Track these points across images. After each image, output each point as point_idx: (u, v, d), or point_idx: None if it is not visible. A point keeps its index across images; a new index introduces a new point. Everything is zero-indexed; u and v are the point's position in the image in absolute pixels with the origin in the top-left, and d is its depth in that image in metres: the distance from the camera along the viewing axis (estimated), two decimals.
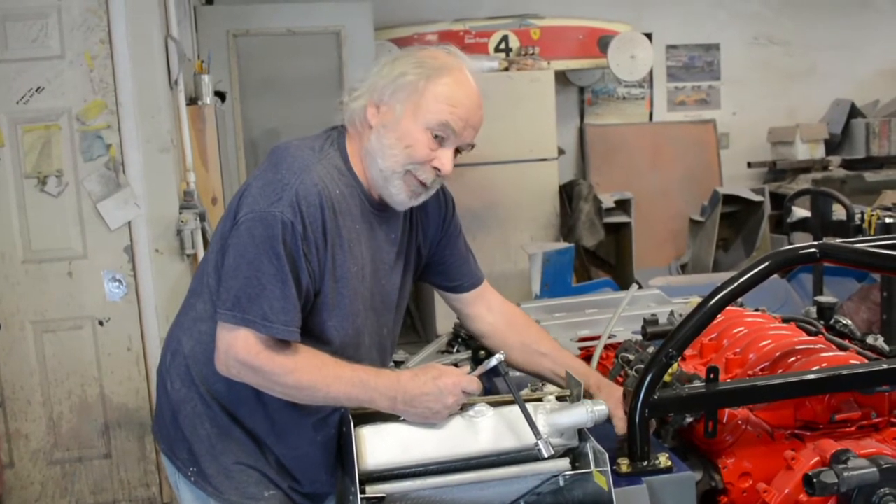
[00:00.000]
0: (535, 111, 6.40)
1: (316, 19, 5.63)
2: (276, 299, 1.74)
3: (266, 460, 1.94)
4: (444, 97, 1.82)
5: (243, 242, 1.77)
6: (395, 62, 1.88)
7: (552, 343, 2.16)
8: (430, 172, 1.86)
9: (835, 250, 1.95)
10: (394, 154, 1.84)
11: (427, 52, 1.90)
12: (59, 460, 3.80)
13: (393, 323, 2.08)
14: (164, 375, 2.01)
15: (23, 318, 3.71)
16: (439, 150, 1.85)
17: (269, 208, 1.75)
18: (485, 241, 6.09)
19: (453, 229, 2.13)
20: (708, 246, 6.83)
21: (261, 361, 1.75)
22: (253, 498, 1.93)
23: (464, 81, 1.85)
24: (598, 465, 1.72)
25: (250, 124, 5.67)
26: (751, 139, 7.79)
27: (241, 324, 1.74)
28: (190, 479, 1.96)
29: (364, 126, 1.89)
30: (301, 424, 1.91)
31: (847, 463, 1.70)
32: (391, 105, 1.84)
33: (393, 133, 1.83)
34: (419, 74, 1.82)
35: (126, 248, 3.72)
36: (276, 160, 1.85)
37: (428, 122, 1.82)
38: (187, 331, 1.97)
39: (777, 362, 2.04)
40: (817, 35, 7.87)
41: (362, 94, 1.88)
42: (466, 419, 1.76)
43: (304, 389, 1.77)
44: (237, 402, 1.91)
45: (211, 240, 2.00)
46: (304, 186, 1.77)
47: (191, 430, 1.94)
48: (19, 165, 3.65)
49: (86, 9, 3.61)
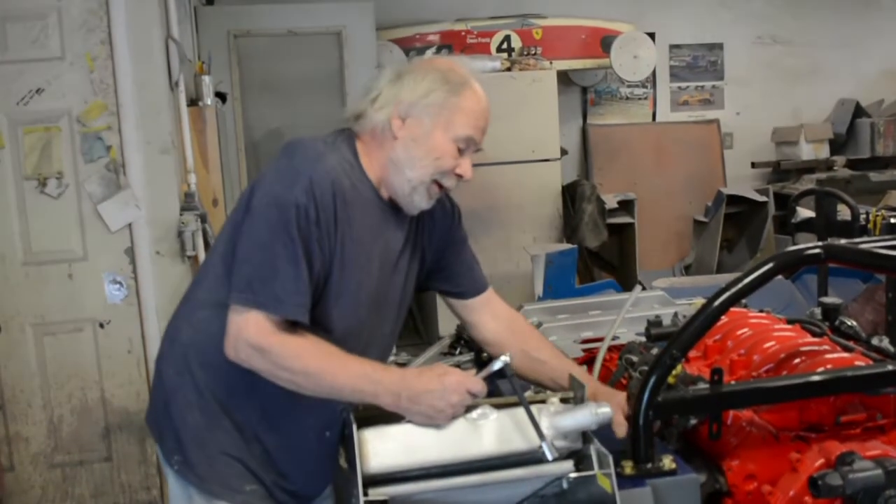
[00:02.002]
0: (538, 111, 6.39)
1: (317, 20, 5.63)
2: (288, 281, 1.78)
3: (251, 453, 1.97)
4: (470, 111, 1.94)
5: (257, 227, 1.83)
6: (417, 77, 1.96)
7: (553, 351, 2.20)
8: (453, 179, 1.98)
9: (840, 251, 1.95)
10: (424, 165, 1.94)
11: (444, 64, 2.00)
12: (60, 464, 3.79)
13: (393, 323, 2.12)
14: (160, 364, 2.07)
15: (23, 320, 3.70)
16: (461, 159, 1.96)
17: (283, 193, 1.81)
18: (487, 243, 6.08)
19: (459, 237, 2.21)
20: (712, 247, 6.81)
21: (270, 343, 1.78)
22: (234, 490, 1.96)
23: (480, 93, 1.98)
24: (602, 467, 1.71)
25: (251, 125, 5.67)
26: (755, 139, 7.78)
27: (253, 305, 1.78)
28: (174, 468, 2.00)
29: (386, 137, 1.96)
30: (293, 414, 1.94)
31: (852, 465, 1.69)
32: (419, 119, 1.93)
33: (423, 146, 1.93)
34: (448, 92, 1.93)
35: (127, 249, 3.72)
36: (290, 151, 1.91)
37: (456, 135, 1.93)
38: (186, 319, 2.02)
39: (782, 364, 2.03)
40: (821, 34, 7.85)
41: (385, 106, 1.95)
42: (470, 421, 1.76)
43: (310, 376, 1.79)
44: (230, 391, 1.94)
45: (220, 230, 2.03)
46: (317, 174, 1.83)
47: (180, 418, 1.98)
48: (19, 167, 3.64)
49: (86, 10, 3.60)
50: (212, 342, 1.91)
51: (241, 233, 1.85)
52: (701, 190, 7.43)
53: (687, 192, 7.51)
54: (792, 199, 5.18)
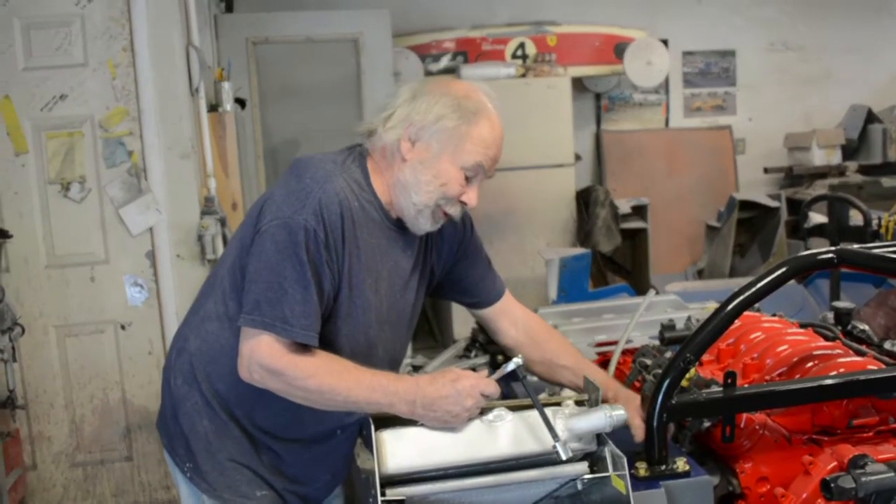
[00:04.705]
0: (552, 117, 6.40)
1: (334, 27, 5.65)
2: (297, 303, 1.78)
3: (260, 460, 1.99)
4: (481, 141, 1.91)
5: (267, 249, 1.81)
6: (431, 100, 1.92)
7: (574, 356, 2.19)
8: (457, 207, 1.96)
9: (853, 255, 1.96)
10: (429, 190, 1.91)
11: (459, 90, 1.95)
12: (81, 463, 3.84)
13: (402, 341, 2.12)
14: (168, 373, 2.07)
15: (46, 322, 3.76)
16: (468, 187, 1.94)
17: (293, 215, 1.80)
18: (501, 247, 6.10)
19: (472, 249, 2.18)
20: (724, 252, 6.80)
21: (283, 365, 1.78)
22: (245, 496, 1.97)
23: (495, 122, 1.94)
24: (617, 468, 1.73)
25: (269, 131, 5.69)
26: (767, 145, 7.76)
27: (261, 327, 1.78)
28: (186, 475, 2.01)
29: (395, 158, 1.94)
30: (302, 419, 1.94)
31: (865, 468, 1.70)
32: (429, 144, 1.91)
33: (430, 171, 1.91)
34: (459, 119, 1.90)
35: (147, 253, 3.76)
36: (300, 171, 1.89)
37: (464, 163, 1.91)
38: (194, 329, 2.02)
39: (794, 367, 2.04)
40: (833, 40, 7.83)
41: (396, 126, 1.93)
42: (485, 423, 1.78)
43: (325, 393, 1.80)
44: (238, 401, 1.96)
45: (229, 242, 2.04)
46: (326, 195, 1.82)
47: (189, 427, 1.99)
48: (43, 172, 3.70)
49: (108, 17, 3.65)
50: (219, 353, 1.94)
51: (251, 253, 1.85)
52: (713, 195, 7.42)
53: (699, 198, 7.51)
54: (804, 205, 5.18)
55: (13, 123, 3.65)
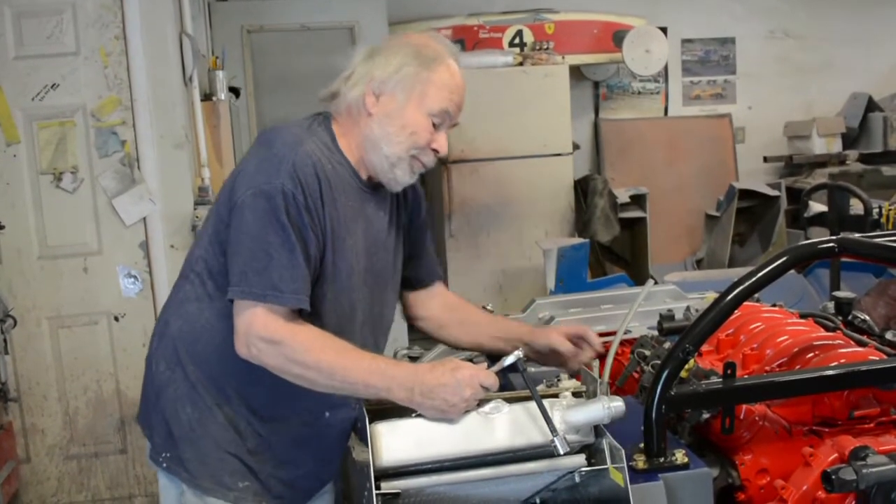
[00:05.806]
0: (550, 106, 6.36)
1: (330, 15, 5.64)
2: (284, 269, 1.77)
3: (245, 446, 1.96)
4: (444, 85, 1.93)
5: (246, 219, 1.80)
6: (389, 53, 1.95)
7: (487, 315, 2.27)
8: (431, 155, 1.97)
9: (854, 245, 1.94)
10: (399, 141, 1.92)
11: (417, 39, 1.99)
12: (75, 455, 3.83)
13: (390, 300, 2.12)
14: (151, 360, 2.04)
15: (38, 313, 3.74)
16: (436, 134, 1.95)
17: (268, 181, 1.79)
18: (499, 237, 6.07)
19: (422, 222, 2.21)
20: (724, 241, 6.79)
21: (281, 335, 1.77)
22: (226, 487, 1.94)
23: (454, 68, 1.96)
24: (615, 461, 1.71)
25: (264, 120, 5.68)
26: (767, 134, 7.74)
27: (252, 298, 1.76)
28: (162, 465, 1.98)
29: (360, 114, 1.95)
30: (289, 399, 1.91)
31: (866, 459, 1.68)
32: (393, 94, 1.92)
33: (397, 121, 1.92)
34: (420, 66, 1.92)
35: (141, 243, 3.75)
36: (269, 140, 1.91)
37: (430, 110, 1.92)
38: (174, 312, 2.00)
39: (795, 358, 2.03)
40: (834, 28, 7.81)
41: (358, 83, 1.94)
42: (482, 415, 1.76)
43: (323, 371, 1.78)
44: (223, 381, 1.92)
45: (203, 223, 2.02)
46: (299, 158, 1.82)
47: (172, 413, 1.96)
48: (35, 162, 3.68)
49: (100, 5, 3.63)
50: (202, 332, 1.92)
51: (231, 227, 1.83)
52: (713, 184, 7.40)
53: (699, 187, 7.48)
54: (804, 194, 5.16)
55: (4, 113, 3.63)
